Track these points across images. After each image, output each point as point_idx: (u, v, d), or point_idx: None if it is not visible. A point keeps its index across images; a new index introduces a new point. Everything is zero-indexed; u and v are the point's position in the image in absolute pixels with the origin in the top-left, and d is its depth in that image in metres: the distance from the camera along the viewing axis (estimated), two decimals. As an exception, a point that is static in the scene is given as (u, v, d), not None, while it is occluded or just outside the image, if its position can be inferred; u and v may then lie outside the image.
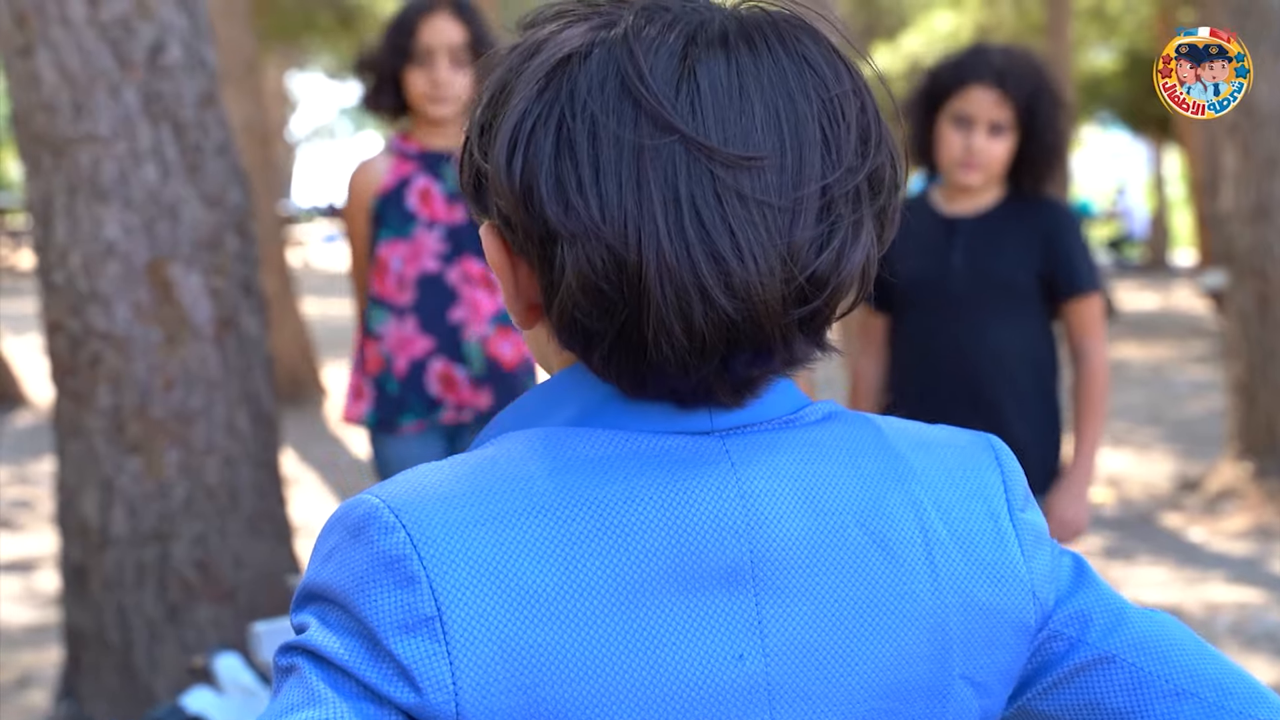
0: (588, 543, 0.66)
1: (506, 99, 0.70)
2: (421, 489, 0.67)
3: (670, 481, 0.68)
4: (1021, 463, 2.48)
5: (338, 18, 14.82)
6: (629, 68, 0.67)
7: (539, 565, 0.65)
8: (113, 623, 2.90)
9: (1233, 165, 5.38)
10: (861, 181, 0.69)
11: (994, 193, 2.48)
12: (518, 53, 0.72)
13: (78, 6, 2.73)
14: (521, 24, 0.75)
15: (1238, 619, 4.00)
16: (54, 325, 2.90)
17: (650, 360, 0.67)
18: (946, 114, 2.43)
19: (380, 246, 2.60)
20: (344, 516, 0.68)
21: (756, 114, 0.67)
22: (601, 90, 0.67)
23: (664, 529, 0.67)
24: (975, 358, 2.44)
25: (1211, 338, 11.14)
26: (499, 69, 0.72)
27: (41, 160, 2.81)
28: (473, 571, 0.64)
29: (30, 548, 5.05)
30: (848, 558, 0.70)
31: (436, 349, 2.58)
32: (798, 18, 0.72)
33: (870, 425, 0.75)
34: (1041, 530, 0.77)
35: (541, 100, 0.68)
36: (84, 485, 2.91)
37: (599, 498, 0.67)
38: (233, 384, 2.94)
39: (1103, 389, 2.48)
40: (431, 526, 0.65)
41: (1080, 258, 2.46)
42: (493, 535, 0.65)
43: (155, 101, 2.80)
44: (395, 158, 2.64)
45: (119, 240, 2.80)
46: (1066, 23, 11.91)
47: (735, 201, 0.66)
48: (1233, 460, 5.52)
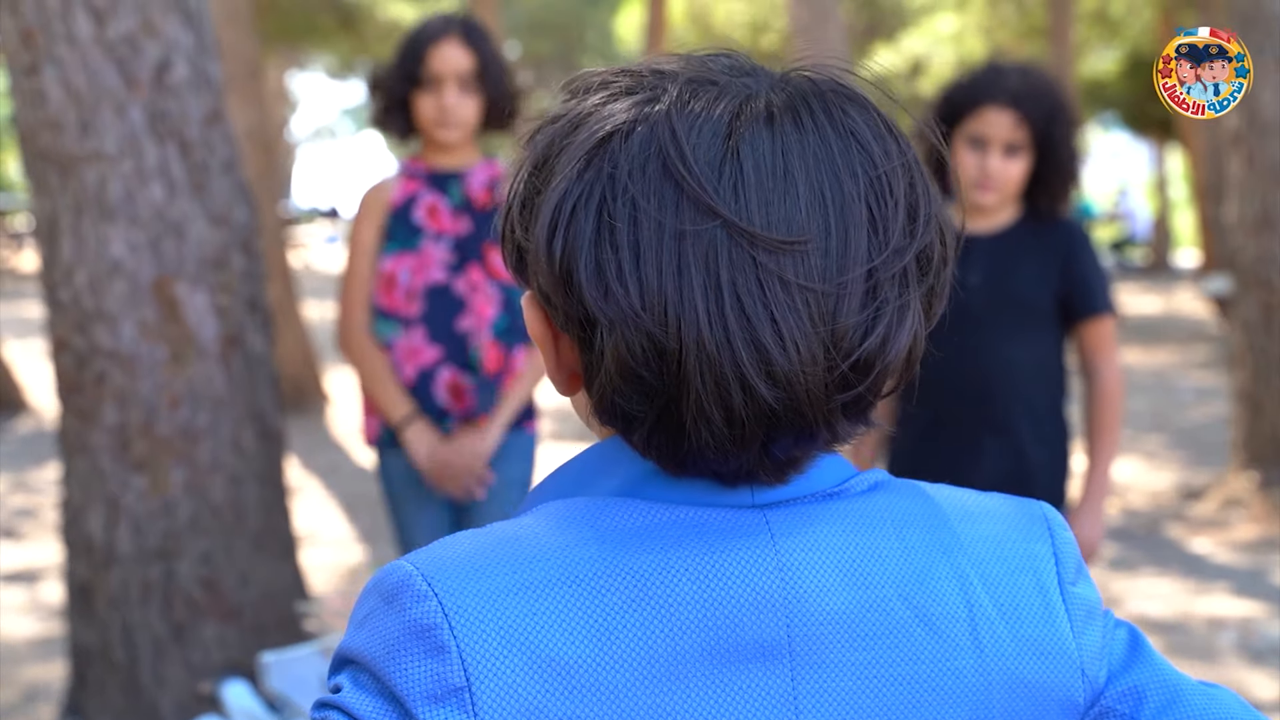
0: (622, 615, 0.65)
1: (548, 176, 0.69)
2: (456, 556, 0.67)
3: (708, 554, 0.67)
4: (1031, 481, 2.46)
5: (338, 19, 14.83)
6: (671, 149, 0.65)
7: (571, 637, 0.64)
8: (118, 640, 2.90)
9: (1237, 176, 5.37)
10: (910, 262, 0.68)
11: (1010, 212, 2.48)
12: (560, 125, 0.70)
13: (84, 24, 2.72)
14: (565, 88, 0.73)
15: (1242, 633, 3.99)
16: (60, 343, 2.89)
17: (690, 444, 0.67)
18: (961, 135, 2.43)
19: (386, 260, 2.61)
20: (380, 582, 0.68)
21: (801, 195, 0.65)
22: (643, 172, 0.66)
23: (700, 602, 0.66)
24: (991, 376, 2.44)
25: (1215, 343, 11.14)
26: (541, 140, 0.71)
27: (47, 178, 2.80)
28: (504, 642, 0.64)
29: (34, 558, 5.04)
30: (889, 632, 0.68)
31: (444, 358, 2.58)
32: (845, 86, 0.70)
33: (918, 495, 0.74)
34: (1094, 604, 0.75)
35: (582, 181, 0.67)
36: (89, 503, 2.90)
37: (634, 568, 0.66)
38: (238, 402, 2.93)
39: (1116, 409, 2.48)
40: (464, 595, 0.65)
41: (1096, 278, 2.46)
42: (526, 605, 0.65)
43: (161, 120, 2.79)
44: (404, 177, 2.67)
45: (125, 258, 2.79)
46: (1069, 26, 11.92)
47: (778, 287, 0.64)
48: (1237, 470, 5.51)
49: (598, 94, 0.70)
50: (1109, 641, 0.76)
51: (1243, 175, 5.31)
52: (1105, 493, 2.47)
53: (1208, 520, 5.38)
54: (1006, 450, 2.43)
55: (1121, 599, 4.37)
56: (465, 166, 2.66)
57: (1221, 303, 10.78)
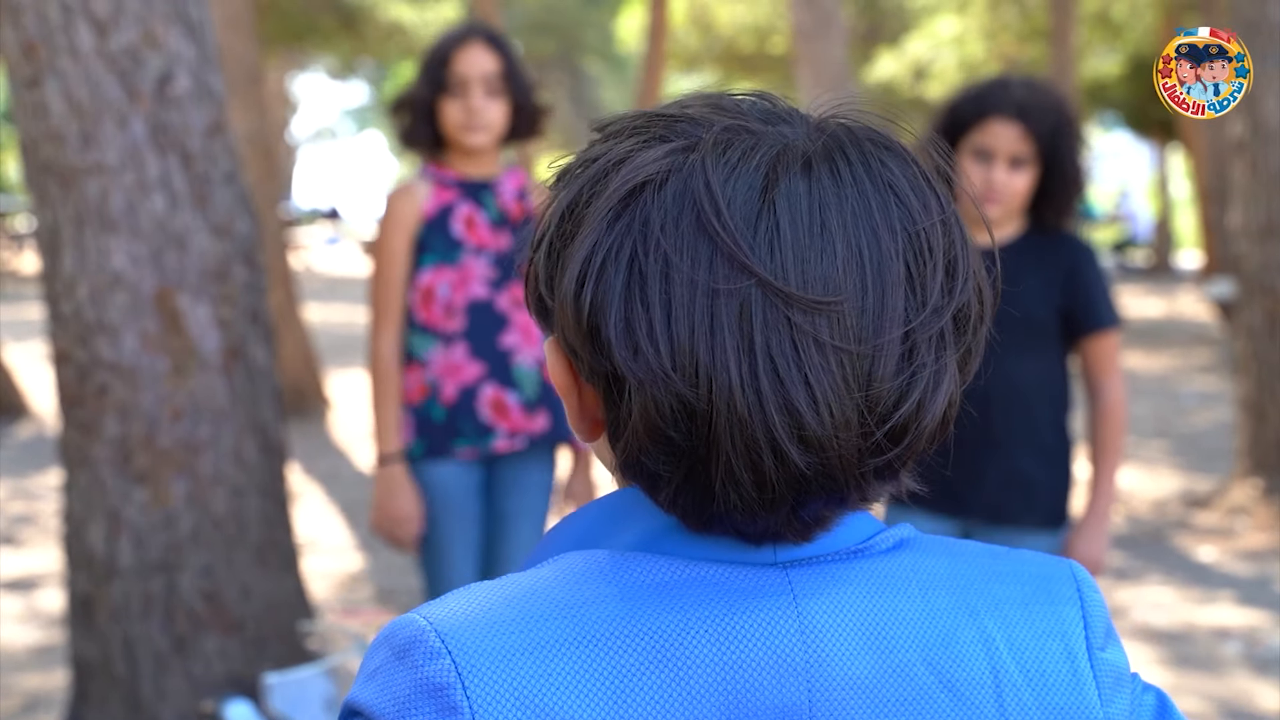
0: (639, 677, 0.63)
1: (577, 225, 0.67)
2: (471, 612, 0.65)
3: (728, 614, 0.65)
4: (1033, 498, 2.44)
5: (339, 20, 14.84)
6: (705, 203, 0.63)
7: (587, 699, 0.63)
8: (119, 654, 2.89)
9: (1241, 183, 5.36)
10: (947, 322, 0.66)
11: (1014, 226, 2.47)
12: (592, 171, 0.68)
13: (86, 37, 2.71)
14: (595, 129, 0.71)
15: (1248, 643, 3.98)
16: (61, 355, 2.88)
17: (718, 505, 0.65)
18: (966, 147, 2.42)
19: (424, 273, 2.58)
20: (391, 635, 0.66)
21: (838, 252, 0.63)
22: (676, 227, 0.64)
23: (720, 664, 0.64)
24: (991, 391, 2.42)
25: (1217, 346, 11.12)
26: (569, 187, 0.69)
27: (49, 190, 2.79)
28: (517, 703, 0.62)
29: (33, 565, 5.03)
30: (912, 699, 0.67)
31: (487, 374, 2.57)
32: (883, 136, 0.69)
33: (944, 553, 0.72)
34: (1122, 670, 0.74)
35: (613, 233, 0.65)
36: (91, 515, 2.89)
37: (653, 629, 0.64)
38: (240, 414, 2.92)
39: (1120, 426, 2.46)
40: (478, 654, 0.63)
41: (1101, 294, 2.45)
42: (541, 665, 0.63)
43: (163, 132, 2.78)
44: (435, 185, 2.62)
45: (126, 270, 2.78)
46: (1071, 28, 11.90)
47: (812, 349, 0.63)
48: (1242, 478, 5.50)
49: (630, 139, 0.68)
50: (1137, 708, 0.75)
51: (1247, 183, 5.30)
52: (1109, 510, 2.46)
53: (1212, 528, 5.37)
54: (1008, 466, 2.42)
55: (1126, 608, 4.36)
56: (493, 175, 2.64)
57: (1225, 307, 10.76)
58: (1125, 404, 2.48)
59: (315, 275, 19.28)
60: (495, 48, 2.59)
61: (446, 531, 2.62)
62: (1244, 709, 3.46)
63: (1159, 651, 3.94)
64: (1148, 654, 3.92)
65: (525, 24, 21.38)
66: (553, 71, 24.39)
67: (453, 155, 2.63)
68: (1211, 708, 3.48)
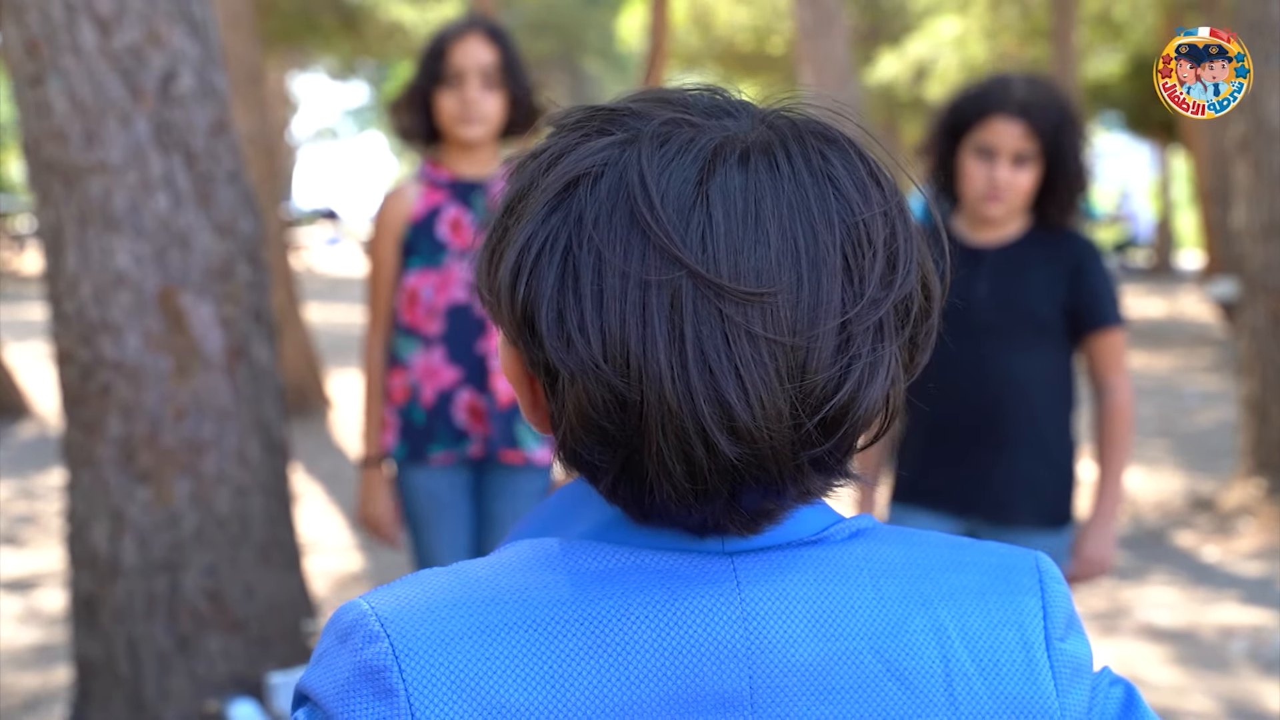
0: (578, 662, 0.64)
1: (518, 217, 0.68)
2: (414, 597, 0.66)
3: (669, 600, 0.65)
4: (1039, 497, 2.43)
5: (340, 19, 14.84)
6: (639, 195, 0.64)
7: (524, 684, 0.63)
8: (123, 653, 2.88)
9: (1244, 183, 5.36)
10: (886, 313, 0.65)
11: (1018, 223, 2.46)
12: (539, 160, 0.68)
13: (89, 35, 2.71)
14: (551, 122, 0.71)
15: (1253, 643, 3.97)
16: (64, 355, 2.88)
17: (653, 496, 0.65)
18: (969, 145, 2.41)
19: (410, 275, 2.58)
20: (336, 620, 0.67)
21: (772, 243, 0.63)
22: (610, 219, 0.64)
23: (659, 650, 0.64)
24: (996, 389, 2.41)
25: (1220, 346, 11.12)
26: (520, 175, 0.69)
27: (52, 189, 2.79)
28: (454, 688, 0.63)
29: (35, 565, 5.02)
30: (858, 685, 0.66)
31: (464, 379, 2.55)
32: (826, 128, 0.68)
33: (902, 542, 0.71)
34: (1083, 661, 0.73)
35: (548, 225, 0.65)
36: (94, 515, 2.89)
37: (594, 614, 0.65)
38: (244, 413, 2.92)
39: (1127, 424, 2.45)
40: (416, 638, 0.64)
41: (1105, 291, 2.44)
42: (480, 650, 0.63)
43: (166, 130, 2.77)
44: (426, 186, 2.61)
45: (130, 269, 2.78)
46: (1072, 28, 11.90)
47: (744, 341, 0.62)
48: (1245, 478, 5.49)
49: (574, 133, 0.68)
50: (1100, 701, 0.73)
51: (1250, 182, 5.29)
52: (1116, 509, 2.45)
53: (1216, 528, 5.36)
54: (1014, 464, 2.41)
55: (1130, 608, 4.35)
56: (487, 175, 2.61)
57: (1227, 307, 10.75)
58: (1132, 402, 2.48)
59: (316, 276, 19.28)
60: (493, 40, 2.57)
61: (431, 534, 2.63)
62: (1250, 708, 3.46)
63: (1164, 651, 3.93)
64: (1153, 653, 3.92)
65: (525, 23, 21.38)
66: (553, 71, 24.40)
67: (450, 152, 2.61)
68: (1218, 707, 3.47)
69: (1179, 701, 3.51)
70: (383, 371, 2.61)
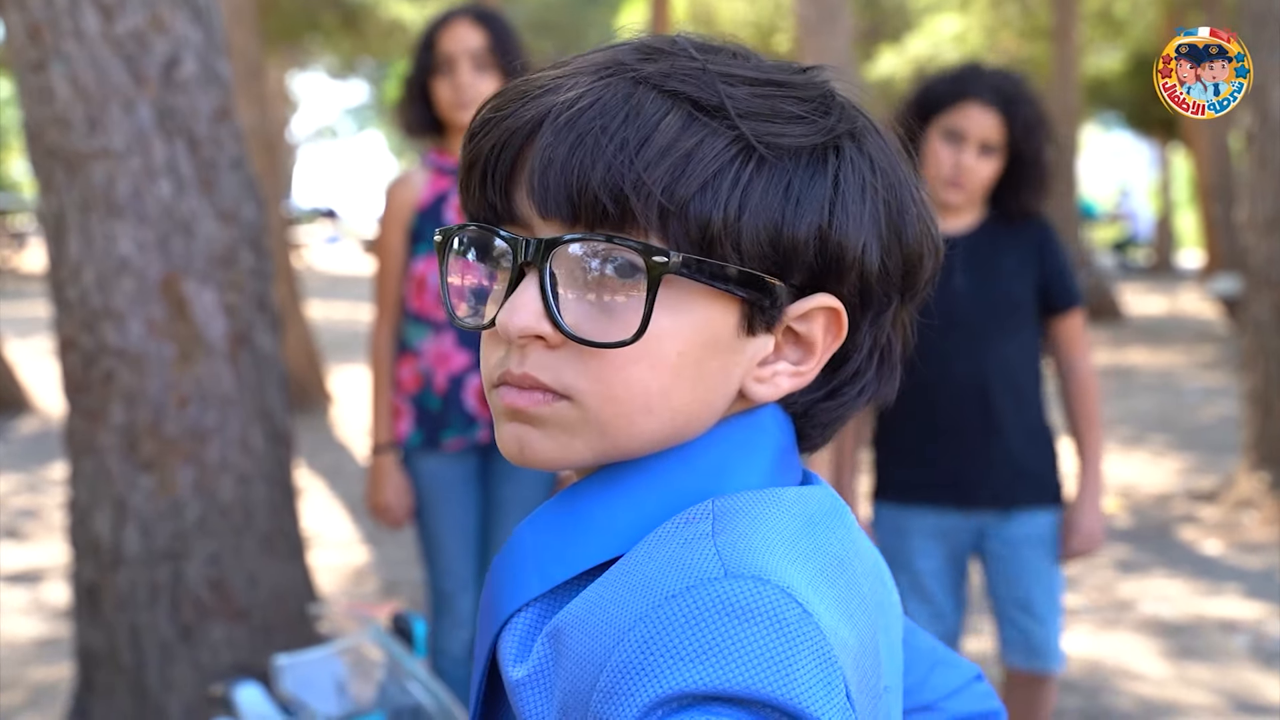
0: (853, 600, 0.67)
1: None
2: (775, 555, 0.64)
3: (849, 531, 0.71)
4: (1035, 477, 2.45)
5: (340, 18, 14.83)
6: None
7: (845, 622, 0.65)
8: (125, 643, 2.87)
9: (1248, 176, 5.34)
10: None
11: (977, 211, 2.47)
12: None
13: (92, 20, 2.70)
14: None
15: (1255, 636, 3.96)
16: (67, 342, 2.86)
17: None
18: (938, 127, 2.40)
19: (418, 262, 2.57)
20: (744, 605, 0.61)
21: None
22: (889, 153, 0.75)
23: (869, 576, 0.71)
24: (985, 376, 2.42)
25: (1220, 343, 11.12)
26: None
27: (54, 175, 2.77)
28: (835, 637, 0.62)
29: (37, 558, 5.02)
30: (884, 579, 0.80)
31: (474, 364, 2.55)
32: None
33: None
34: None
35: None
36: (96, 503, 2.87)
37: (839, 554, 0.68)
38: (247, 401, 2.91)
39: (1097, 399, 2.51)
40: (804, 593, 0.63)
41: (1069, 272, 2.47)
42: (823, 597, 0.64)
43: (169, 117, 2.76)
44: (432, 173, 2.61)
45: (132, 256, 2.77)
46: (1073, 26, 11.88)
47: None
48: (1248, 472, 5.48)
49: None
50: None
51: (1254, 176, 5.28)
52: (1100, 484, 2.47)
53: (1218, 522, 5.35)
54: (1008, 449, 2.42)
55: (1133, 601, 4.35)
56: None
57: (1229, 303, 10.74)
58: (1096, 378, 2.52)
59: (315, 273, 19.27)
60: (480, 23, 2.57)
61: (442, 521, 2.63)
62: (1251, 701, 3.45)
63: (1166, 644, 3.93)
64: (1155, 646, 3.91)
65: (524, 23, 21.37)
66: (553, 70, 24.30)
67: (455, 139, 2.62)
68: (1219, 700, 3.47)
69: (1181, 695, 3.50)
70: (391, 359, 2.60)
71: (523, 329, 0.66)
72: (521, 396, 0.68)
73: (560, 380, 0.67)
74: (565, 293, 0.67)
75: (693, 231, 0.66)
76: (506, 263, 0.69)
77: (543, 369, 0.67)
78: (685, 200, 0.65)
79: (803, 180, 0.68)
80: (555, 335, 0.67)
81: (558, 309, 0.66)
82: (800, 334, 0.72)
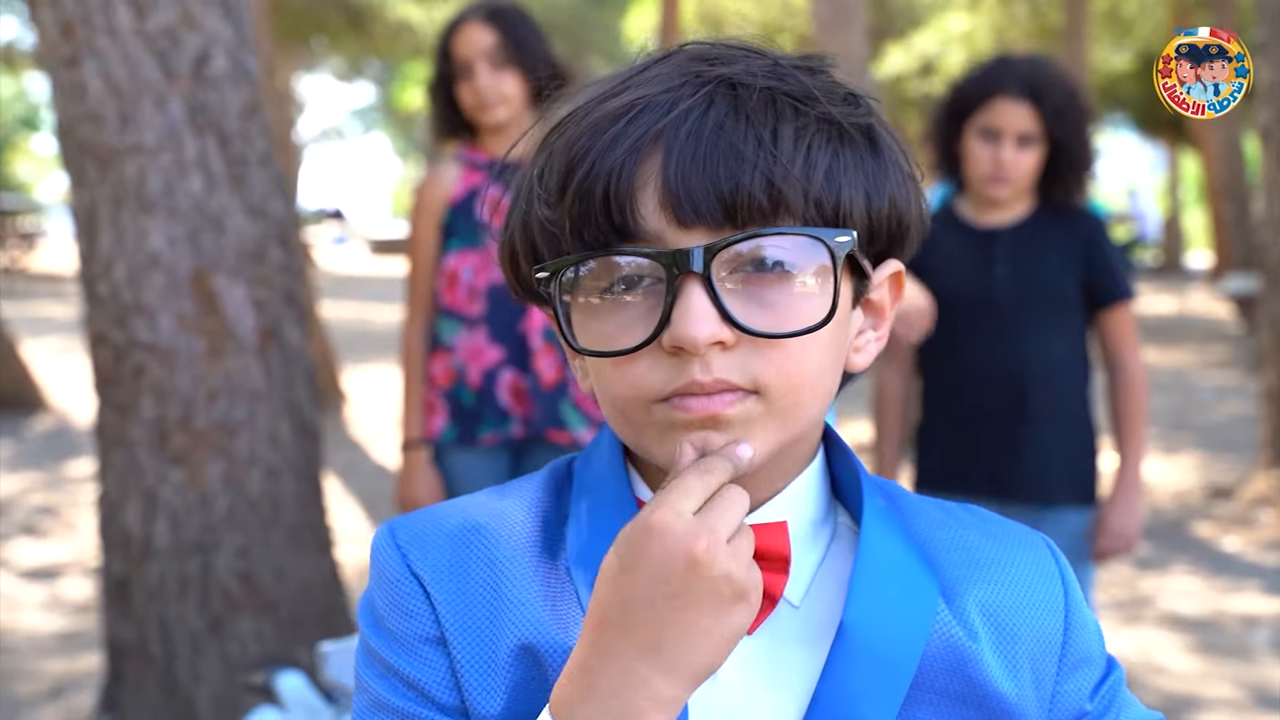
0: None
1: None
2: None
3: None
4: (1071, 473, 2.43)
5: (347, 18, 14.83)
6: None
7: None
8: (155, 635, 2.89)
9: (1266, 173, 5.34)
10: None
11: (1025, 204, 2.46)
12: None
13: (124, 17, 2.71)
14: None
15: (1275, 631, 3.97)
16: (98, 336, 2.88)
17: None
18: (973, 127, 2.41)
19: (450, 257, 2.57)
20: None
21: None
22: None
23: None
24: (1023, 368, 2.41)
25: (1233, 342, 11.10)
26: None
27: (86, 171, 2.79)
28: None
29: (56, 554, 5.04)
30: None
31: (506, 359, 2.55)
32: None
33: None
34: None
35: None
36: (127, 496, 2.89)
37: None
38: (275, 395, 2.92)
39: (1143, 397, 2.47)
40: None
41: (1118, 265, 2.46)
42: None
43: (201, 112, 2.78)
44: (465, 168, 2.62)
45: (163, 251, 2.78)
46: (1084, 26, 11.86)
47: None
48: (1265, 469, 5.48)
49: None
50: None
51: (1272, 173, 5.28)
52: (1139, 483, 2.45)
53: (1236, 519, 5.35)
54: (1044, 442, 2.41)
55: (1152, 597, 4.35)
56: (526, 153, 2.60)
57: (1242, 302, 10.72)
58: (1145, 375, 2.49)
59: (322, 274, 19.28)
60: (491, 21, 2.56)
61: None
62: (1274, 694, 3.45)
63: (1187, 639, 3.93)
64: (1177, 641, 3.91)
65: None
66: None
67: (486, 137, 2.62)
68: (1242, 694, 3.47)
69: (1203, 689, 3.51)
70: (423, 355, 2.60)
71: (709, 336, 0.66)
72: (714, 402, 0.68)
73: (750, 376, 0.68)
74: (730, 292, 0.68)
75: (827, 213, 0.68)
76: (649, 280, 0.69)
77: (730, 370, 0.68)
78: (820, 184, 0.68)
79: (871, 156, 0.71)
80: (733, 336, 0.67)
81: (730, 310, 0.67)
82: (873, 301, 0.75)
